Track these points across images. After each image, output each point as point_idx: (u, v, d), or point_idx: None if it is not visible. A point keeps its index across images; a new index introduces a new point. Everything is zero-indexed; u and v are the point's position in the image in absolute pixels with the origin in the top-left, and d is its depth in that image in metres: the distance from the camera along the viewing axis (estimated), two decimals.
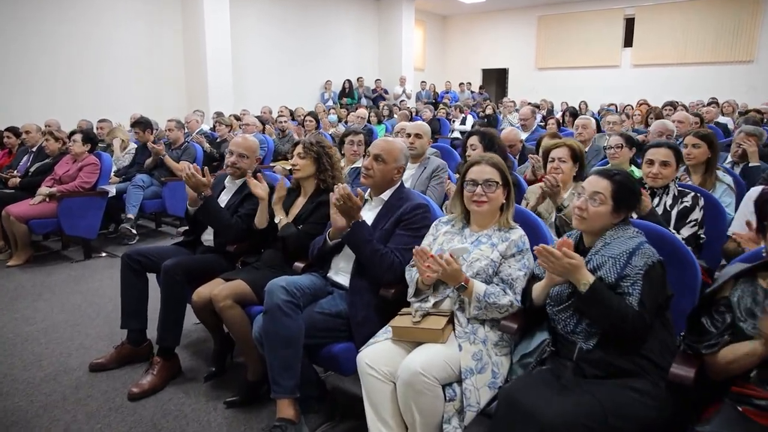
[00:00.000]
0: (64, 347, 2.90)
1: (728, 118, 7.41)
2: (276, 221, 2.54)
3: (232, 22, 9.92)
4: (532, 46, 15.56)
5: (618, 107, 9.83)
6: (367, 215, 2.22)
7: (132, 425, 2.20)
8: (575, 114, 6.93)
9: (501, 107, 10.00)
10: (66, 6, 8.37)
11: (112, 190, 4.67)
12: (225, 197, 2.81)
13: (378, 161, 2.21)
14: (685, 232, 2.44)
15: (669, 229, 2.16)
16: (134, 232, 4.85)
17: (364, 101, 12.81)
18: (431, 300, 1.89)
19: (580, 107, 10.12)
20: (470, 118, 8.82)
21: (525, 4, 15.02)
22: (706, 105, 7.97)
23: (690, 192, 2.52)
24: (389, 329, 1.88)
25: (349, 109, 10.54)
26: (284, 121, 6.69)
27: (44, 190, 4.34)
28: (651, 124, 5.45)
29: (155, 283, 2.66)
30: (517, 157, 4.17)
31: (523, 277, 1.84)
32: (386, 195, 2.26)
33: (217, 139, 6.22)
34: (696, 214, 2.46)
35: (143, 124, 5.20)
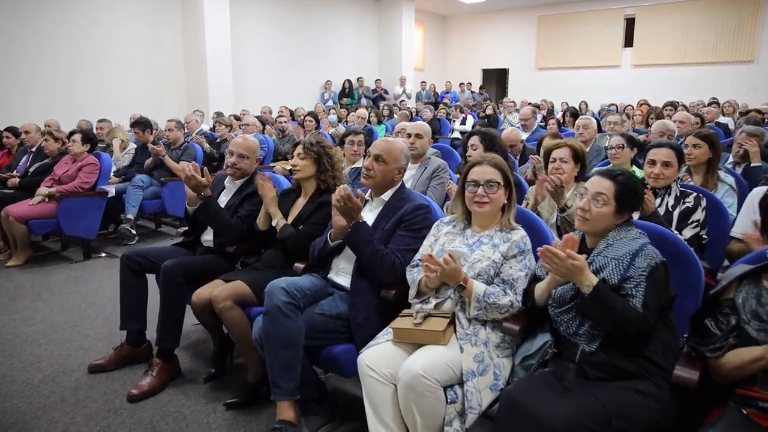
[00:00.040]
0: (63, 348, 2.89)
1: (729, 118, 7.40)
2: (273, 224, 2.53)
3: (232, 22, 9.90)
4: (533, 46, 15.56)
5: (618, 107, 9.82)
6: (368, 216, 2.21)
7: (131, 427, 2.19)
8: (576, 114, 6.92)
9: (501, 107, 9.99)
10: (66, 6, 8.36)
11: (111, 190, 4.66)
12: (225, 198, 2.80)
13: (378, 162, 2.20)
14: (687, 232, 2.42)
15: (671, 230, 2.15)
16: (134, 232, 4.84)
17: (364, 101, 12.80)
18: (432, 301, 1.88)
19: (580, 107, 10.11)
20: (470, 119, 8.81)
21: (525, 4, 15.01)
22: (707, 105, 7.96)
23: (692, 192, 2.51)
24: (390, 331, 1.86)
25: (349, 109, 10.53)
26: (284, 121, 6.68)
27: (43, 190, 4.33)
28: (652, 124, 5.45)
29: (155, 284, 2.65)
30: (518, 157, 4.16)
31: (524, 277, 1.83)
32: (387, 195, 2.24)
33: (217, 140, 6.21)
34: (698, 214, 2.45)
35: (143, 124, 5.19)
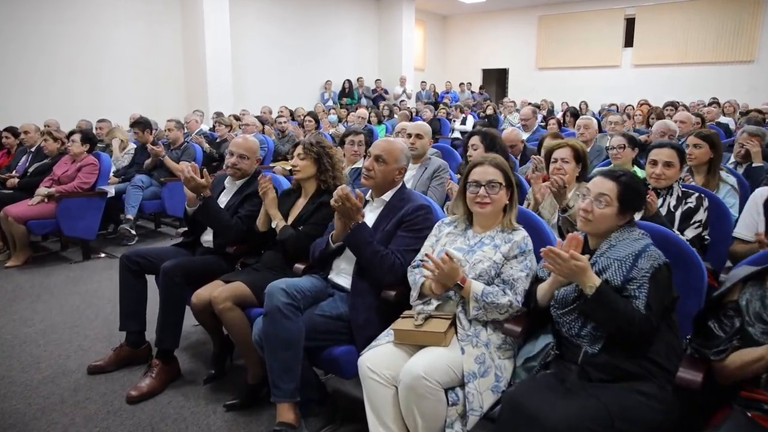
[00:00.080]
0: (63, 349, 2.87)
1: (729, 118, 7.39)
2: (273, 225, 2.51)
3: (232, 22, 9.89)
4: (533, 46, 15.55)
5: (619, 107, 9.81)
6: (369, 216, 2.21)
7: (130, 429, 2.18)
8: (576, 114, 6.91)
9: (501, 107, 9.98)
10: (64, 6, 8.35)
11: (111, 190, 4.65)
12: (225, 198, 2.78)
13: (379, 162, 2.19)
14: (689, 233, 2.41)
15: (673, 231, 2.14)
16: (133, 232, 4.83)
17: (364, 101, 12.79)
18: (434, 303, 1.87)
19: (580, 107, 10.10)
20: (470, 119, 8.79)
21: (525, 4, 15.00)
22: (707, 105, 7.95)
23: (694, 193, 2.50)
24: (391, 332, 1.85)
25: (349, 109, 10.52)
26: (284, 121, 6.66)
27: (43, 190, 4.32)
28: (652, 124, 5.44)
29: (154, 285, 2.64)
30: (519, 157, 4.15)
31: (525, 278, 1.81)
32: (387, 196, 2.23)
33: (217, 140, 6.20)
34: (700, 215, 2.44)
35: (142, 124, 5.18)
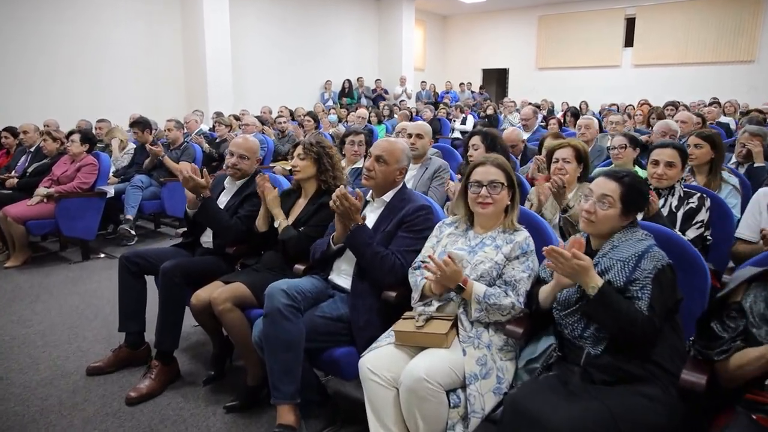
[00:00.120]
0: (62, 350, 2.86)
1: (730, 118, 7.38)
2: (275, 225, 2.50)
3: (232, 21, 9.88)
4: (533, 45, 15.54)
5: (619, 107, 9.80)
6: (369, 217, 2.20)
7: (129, 431, 2.16)
8: (577, 114, 6.90)
9: (501, 107, 9.97)
10: (64, 5, 8.33)
11: (110, 190, 4.64)
12: (225, 198, 2.77)
13: (380, 162, 2.18)
14: (690, 233, 2.40)
15: (674, 231, 2.12)
16: (133, 233, 4.82)
17: (364, 101, 12.78)
18: (435, 304, 1.85)
19: (580, 107, 10.10)
20: (471, 119, 8.79)
21: (525, 3, 14.99)
22: (708, 105, 7.95)
23: (696, 193, 2.49)
24: (392, 333, 1.84)
25: (349, 109, 10.51)
26: (283, 121, 6.65)
27: (42, 190, 4.30)
28: (653, 124, 5.43)
29: (154, 286, 2.62)
30: (519, 157, 4.14)
31: (527, 279, 1.80)
32: (388, 196, 2.22)
33: (217, 140, 6.19)
34: (702, 215, 2.43)
35: (142, 124, 5.17)
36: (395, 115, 8.26)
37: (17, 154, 5.20)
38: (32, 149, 4.99)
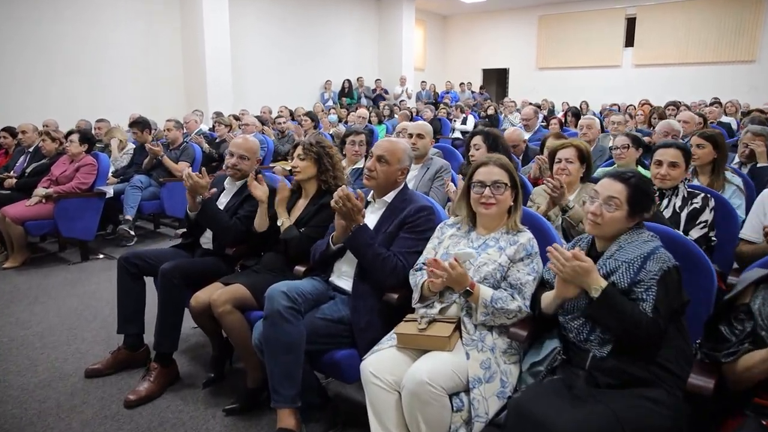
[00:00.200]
0: (60, 352, 2.84)
1: (731, 118, 7.37)
2: (279, 224, 2.48)
3: (232, 21, 9.86)
4: (533, 45, 15.53)
5: (620, 107, 9.78)
6: (370, 217, 2.18)
7: None
8: (577, 114, 6.89)
9: (502, 107, 9.95)
10: (64, 5, 8.31)
11: (109, 191, 4.62)
12: (224, 198, 2.75)
13: (381, 162, 2.16)
14: (694, 233, 2.38)
15: (678, 232, 2.10)
16: (132, 233, 4.79)
17: (364, 101, 12.76)
18: (437, 306, 1.83)
19: (581, 107, 10.08)
20: (471, 118, 8.77)
21: (526, 3, 14.98)
22: (709, 105, 7.93)
23: (700, 193, 2.46)
24: (393, 336, 1.82)
25: (349, 109, 10.49)
26: (283, 121, 6.63)
27: (41, 191, 4.28)
28: (654, 124, 5.41)
29: (153, 287, 2.59)
30: (521, 157, 4.12)
31: (533, 281, 1.78)
32: (389, 197, 2.20)
33: (216, 140, 6.17)
34: (706, 215, 2.40)
35: (141, 124, 5.15)
36: (395, 115, 8.24)
37: (16, 154, 5.18)
38: (31, 149, 4.97)
